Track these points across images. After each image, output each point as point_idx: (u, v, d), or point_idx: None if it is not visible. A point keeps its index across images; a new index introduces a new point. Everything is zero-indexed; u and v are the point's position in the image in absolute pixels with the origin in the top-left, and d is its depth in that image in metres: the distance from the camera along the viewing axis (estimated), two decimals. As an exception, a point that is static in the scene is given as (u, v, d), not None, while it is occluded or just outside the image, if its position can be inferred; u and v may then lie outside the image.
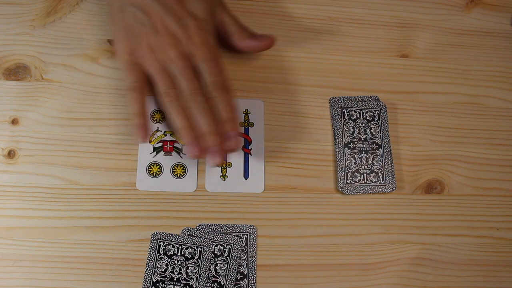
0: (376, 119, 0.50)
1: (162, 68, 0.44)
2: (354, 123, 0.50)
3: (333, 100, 0.51)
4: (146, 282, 0.44)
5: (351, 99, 0.51)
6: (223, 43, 0.49)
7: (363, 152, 0.49)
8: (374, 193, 0.49)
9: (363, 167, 0.49)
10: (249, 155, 0.48)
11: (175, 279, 0.44)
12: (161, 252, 0.45)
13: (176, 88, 0.44)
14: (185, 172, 0.47)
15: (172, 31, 0.44)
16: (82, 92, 0.48)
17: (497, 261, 0.49)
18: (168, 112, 0.45)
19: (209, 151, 0.44)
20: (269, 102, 0.50)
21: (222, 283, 0.44)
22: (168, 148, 0.48)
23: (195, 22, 0.45)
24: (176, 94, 0.44)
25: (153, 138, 0.48)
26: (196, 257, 0.45)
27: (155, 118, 0.48)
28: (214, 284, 0.44)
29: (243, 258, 0.46)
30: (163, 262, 0.44)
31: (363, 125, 0.50)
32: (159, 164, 0.47)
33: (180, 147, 0.48)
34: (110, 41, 0.50)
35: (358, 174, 0.49)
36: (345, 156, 0.49)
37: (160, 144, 0.48)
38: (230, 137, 0.44)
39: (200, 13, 0.45)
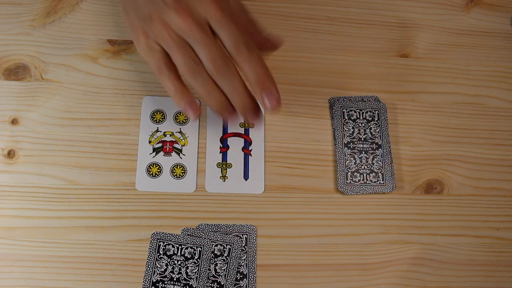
0: (376, 119, 0.50)
1: (177, 41, 0.41)
2: (354, 123, 0.50)
3: (333, 100, 0.51)
4: (146, 282, 0.44)
5: (351, 99, 0.51)
6: None
7: (363, 152, 0.49)
8: (374, 193, 0.49)
9: (363, 167, 0.49)
10: (249, 156, 0.48)
11: (175, 279, 0.44)
12: (161, 252, 0.45)
13: (196, 59, 0.41)
14: (184, 172, 0.47)
15: (181, 0, 0.41)
16: (82, 92, 0.48)
17: (497, 261, 0.49)
18: (193, 87, 0.42)
19: (242, 115, 0.42)
20: (269, 102, 0.50)
21: (222, 283, 0.44)
22: (167, 148, 0.48)
23: None
24: (196, 65, 0.41)
25: (153, 139, 0.48)
26: (196, 257, 0.45)
27: (155, 118, 0.48)
28: (214, 284, 0.44)
29: (243, 258, 0.46)
30: (163, 262, 0.44)
31: (363, 125, 0.50)
32: (158, 165, 0.47)
33: (179, 148, 0.48)
34: (110, 41, 0.50)
35: (358, 174, 0.49)
36: (345, 156, 0.49)
37: (159, 145, 0.48)
38: (267, 95, 0.41)
39: None
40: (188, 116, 0.42)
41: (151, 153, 0.47)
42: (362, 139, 0.50)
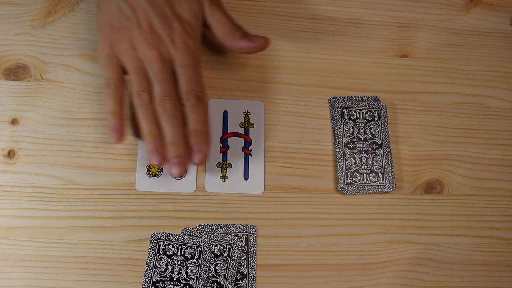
0: (376, 119, 0.50)
1: (139, 67, 0.43)
2: (354, 123, 0.50)
3: (333, 100, 0.51)
4: (146, 282, 0.44)
5: (351, 99, 0.51)
6: (217, 43, 0.49)
7: (363, 152, 0.49)
8: (374, 193, 0.49)
9: (363, 167, 0.49)
10: (249, 156, 0.48)
11: (175, 279, 0.44)
12: (161, 252, 0.45)
13: (148, 91, 0.43)
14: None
15: (155, 30, 0.43)
16: (82, 92, 0.48)
17: (497, 261, 0.49)
18: (136, 114, 0.44)
19: (170, 162, 0.43)
20: (269, 102, 0.50)
21: (222, 283, 0.44)
22: (168, 148, 0.47)
23: (181, 25, 0.43)
24: (147, 98, 0.43)
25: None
26: (196, 257, 0.45)
27: (155, 118, 0.48)
28: (214, 284, 0.44)
29: (243, 258, 0.46)
30: (163, 262, 0.44)
31: (363, 125, 0.50)
32: (159, 165, 0.47)
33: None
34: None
35: (358, 174, 0.49)
36: (345, 156, 0.49)
37: (160, 145, 0.48)
38: (196, 150, 0.43)
39: (187, 16, 0.44)
40: (110, 137, 0.43)
41: (151, 153, 0.47)
42: (362, 139, 0.50)
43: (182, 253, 0.45)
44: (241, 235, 0.46)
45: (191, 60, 0.43)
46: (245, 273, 0.45)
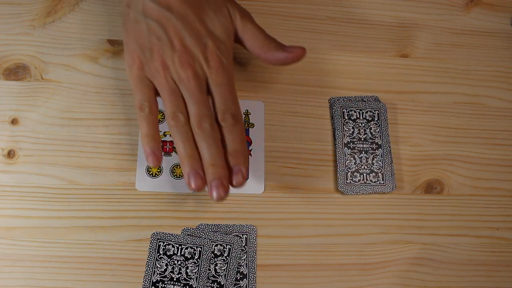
0: (376, 119, 0.50)
1: (172, 87, 0.41)
2: (354, 123, 0.50)
3: (333, 100, 0.51)
4: (146, 282, 0.44)
5: (351, 99, 0.51)
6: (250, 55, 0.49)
7: (363, 152, 0.49)
8: (374, 193, 0.49)
9: (363, 167, 0.49)
10: (249, 156, 0.48)
11: (175, 279, 0.44)
12: (161, 252, 0.45)
13: (184, 112, 0.41)
14: (185, 172, 0.47)
15: (189, 48, 0.41)
16: (82, 92, 0.48)
17: (497, 261, 0.49)
18: (172, 136, 0.42)
19: (209, 185, 0.40)
20: (269, 102, 0.50)
21: (222, 283, 0.44)
22: (167, 148, 0.48)
23: (214, 43, 0.41)
24: (182, 119, 0.41)
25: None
26: (196, 257, 0.45)
27: (155, 118, 0.48)
28: (214, 284, 0.44)
29: (243, 258, 0.46)
30: (163, 262, 0.44)
31: (363, 125, 0.50)
32: (158, 165, 0.47)
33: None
34: (110, 41, 0.50)
35: (358, 174, 0.49)
36: (345, 156, 0.49)
37: (160, 145, 0.48)
38: (236, 171, 0.41)
39: (219, 33, 0.42)
40: (147, 161, 0.42)
41: (151, 153, 0.47)
42: (362, 139, 0.50)
43: (182, 253, 0.45)
44: (241, 235, 0.46)
45: (226, 78, 0.41)
46: (245, 273, 0.45)
